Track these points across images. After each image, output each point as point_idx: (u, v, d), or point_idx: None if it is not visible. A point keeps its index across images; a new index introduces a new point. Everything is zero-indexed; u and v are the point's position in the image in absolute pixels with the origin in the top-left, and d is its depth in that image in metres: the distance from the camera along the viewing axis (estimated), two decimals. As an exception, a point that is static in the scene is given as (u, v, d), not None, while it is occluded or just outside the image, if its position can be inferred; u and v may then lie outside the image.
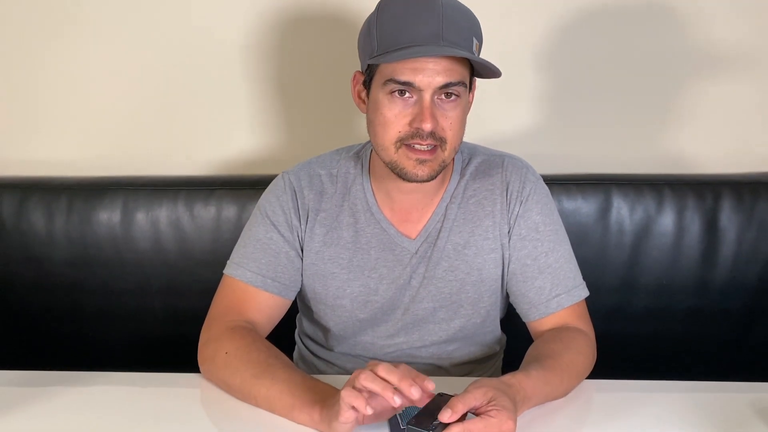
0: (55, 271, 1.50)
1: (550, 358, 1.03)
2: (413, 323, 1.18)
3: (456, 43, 1.00)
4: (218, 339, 1.08)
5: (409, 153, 1.04)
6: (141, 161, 1.59)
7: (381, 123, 1.05)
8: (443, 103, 1.03)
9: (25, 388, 1.07)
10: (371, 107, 1.08)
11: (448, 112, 1.04)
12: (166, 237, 1.49)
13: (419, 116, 1.02)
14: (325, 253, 1.17)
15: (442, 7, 1.01)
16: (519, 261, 1.15)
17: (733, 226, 1.44)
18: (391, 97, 1.03)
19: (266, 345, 1.08)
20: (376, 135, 1.07)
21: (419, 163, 1.04)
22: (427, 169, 1.05)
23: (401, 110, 1.03)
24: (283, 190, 1.18)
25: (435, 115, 1.02)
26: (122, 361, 1.29)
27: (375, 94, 1.06)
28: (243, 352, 1.04)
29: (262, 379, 1.00)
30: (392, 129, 1.04)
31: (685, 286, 1.46)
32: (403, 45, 1.00)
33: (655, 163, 1.55)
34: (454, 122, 1.04)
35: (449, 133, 1.04)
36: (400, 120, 1.03)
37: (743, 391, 1.05)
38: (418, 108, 1.02)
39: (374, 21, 1.04)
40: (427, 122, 1.01)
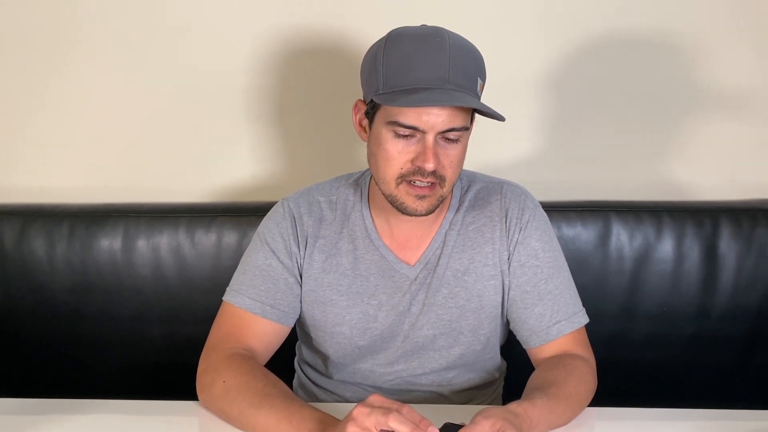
0: (56, 298, 1.50)
1: (554, 386, 1.03)
2: (413, 350, 1.18)
3: (462, 86, 1.01)
4: (216, 367, 1.08)
5: (409, 189, 1.06)
6: (142, 188, 1.60)
7: (383, 158, 1.06)
8: (445, 143, 1.05)
9: (24, 416, 1.06)
10: (373, 140, 1.08)
11: (450, 151, 1.05)
12: (166, 264, 1.49)
13: (422, 156, 1.03)
14: (324, 279, 1.17)
15: (450, 48, 1.01)
16: (519, 288, 1.15)
17: (733, 252, 1.45)
18: (395, 135, 1.04)
19: (264, 373, 1.07)
20: (378, 168, 1.08)
21: (419, 198, 1.06)
22: (426, 204, 1.06)
23: (404, 148, 1.04)
24: (283, 216, 1.19)
25: (437, 154, 1.03)
26: (121, 388, 1.28)
27: (378, 129, 1.07)
28: (241, 381, 1.04)
29: (260, 409, 0.99)
30: (394, 165, 1.05)
31: (686, 312, 1.46)
32: (409, 86, 1.01)
33: (654, 190, 1.55)
34: (454, 160, 1.06)
35: (449, 171, 1.06)
36: (403, 157, 1.04)
37: (744, 419, 1.04)
38: (420, 147, 1.03)
39: (381, 57, 1.04)
40: (430, 162, 1.02)
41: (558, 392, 1.01)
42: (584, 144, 1.58)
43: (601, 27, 1.51)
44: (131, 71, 1.57)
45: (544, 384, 1.03)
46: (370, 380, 1.21)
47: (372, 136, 1.09)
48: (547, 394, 1.00)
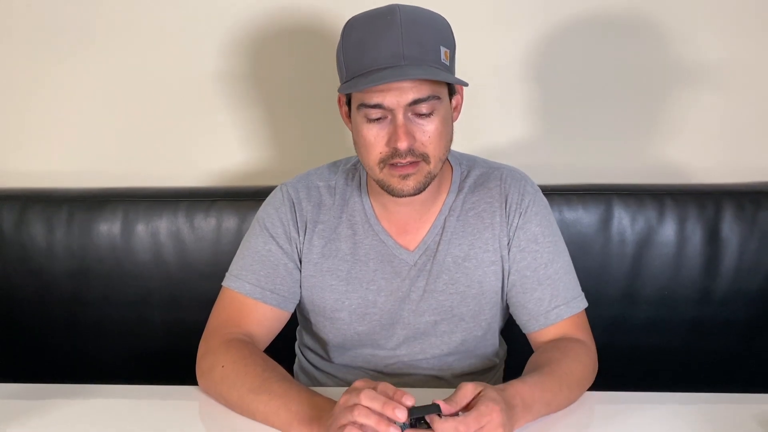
0: (55, 283, 1.50)
1: (547, 365, 1.03)
2: (414, 336, 1.18)
3: (419, 59, 1.00)
4: (215, 352, 1.08)
5: (392, 171, 1.05)
6: (141, 173, 1.59)
7: (363, 145, 1.06)
8: (418, 119, 1.03)
9: (24, 401, 1.06)
10: (354, 129, 1.08)
11: (425, 126, 1.03)
12: (166, 248, 1.49)
13: (394, 136, 1.02)
14: (323, 264, 1.16)
15: (402, 23, 1.00)
16: (518, 272, 1.15)
17: (735, 236, 1.44)
18: (367, 120, 1.04)
19: (263, 358, 1.07)
20: (361, 156, 1.08)
21: (403, 178, 1.05)
22: (412, 182, 1.05)
23: (378, 131, 1.04)
24: (282, 201, 1.18)
25: (411, 131, 1.02)
26: (122, 373, 1.29)
27: (354, 117, 1.07)
28: (239, 366, 1.04)
29: (259, 395, 0.99)
30: (373, 151, 1.05)
31: (687, 296, 1.45)
32: (365, 70, 1.00)
33: (657, 173, 1.55)
34: (432, 135, 1.04)
35: (429, 147, 1.04)
36: (379, 141, 1.04)
37: (746, 403, 1.04)
38: (392, 127, 1.03)
39: (341, 46, 1.05)
40: (402, 141, 1.01)
41: (550, 370, 1.01)
42: (586, 127, 1.57)
43: (602, 7, 1.50)
44: (129, 57, 1.56)
45: (538, 365, 1.04)
46: (371, 364, 1.21)
47: (352, 126, 1.09)
48: (540, 373, 1.00)
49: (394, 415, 0.83)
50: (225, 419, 1.01)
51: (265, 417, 0.98)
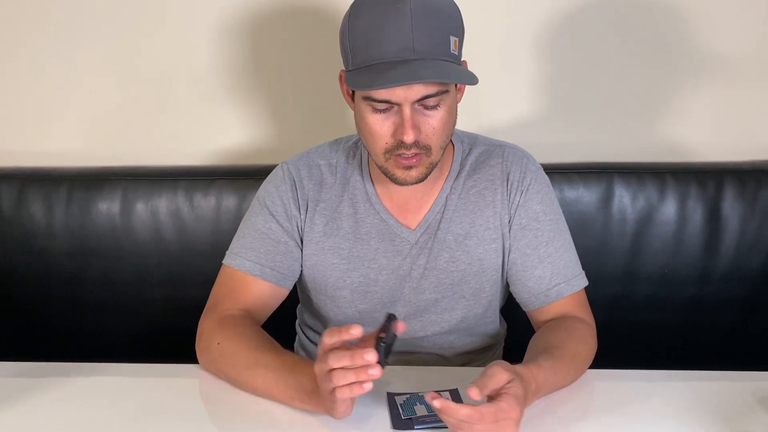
0: (55, 262, 1.50)
1: (557, 347, 1.03)
2: (415, 314, 1.18)
3: (429, 53, 0.98)
4: (211, 329, 1.09)
5: (397, 161, 1.04)
6: (140, 151, 1.59)
7: (367, 132, 1.05)
8: (425, 110, 1.02)
9: (25, 379, 1.06)
10: (357, 113, 1.07)
11: (431, 118, 1.02)
12: (165, 227, 1.49)
13: (400, 129, 1.01)
14: (325, 243, 1.16)
15: (412, 12, 0.97)
16: (519, 250, 1.15)
17: (736, 214, 1.43)
18: (373, 110, 1.02)
19: (256, 332, 1.07)
20: (366, 142, 1.07)
21: (407, 169, 1.05)
22: (415, 174, 1.05)
23: (383, 121, 1.02)
24: (282, 180, 1.18)
25: (417, 124, 1.01)
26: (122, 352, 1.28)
27: (358, 103, 1.05)
28: (234, 343, 1.04)
29: (254, 370, 1.00)
30: (379, 141, 1.04)
31: (688, 275, 1.45)
32: (373, 62, 0.98)
33: (658, 152, 1.54)
34: (437, 127, 1.03)
35: (433, 139, 1.03)
36: (385, 131, 1.02)
37: (745, 380, 1.04)
38: (398, 119, 1.01)
39: (347, 29, 1.02)
40: (409, 135, 1.00)
41: (561, 354, 1.01)
42: (587, 105, 1.56)
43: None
44: (128, 34, 1.55)
45: (547, 346, 1.03)
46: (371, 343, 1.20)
47: (355, 110, 1.07)
48: (552, 356, 1.00)
49: (365, 361, 0.83)
50: (225, 396, 1.02)
51: (266, 391, 0.99)
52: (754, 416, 0.95)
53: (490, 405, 0.85)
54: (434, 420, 0.93)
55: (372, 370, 0.83)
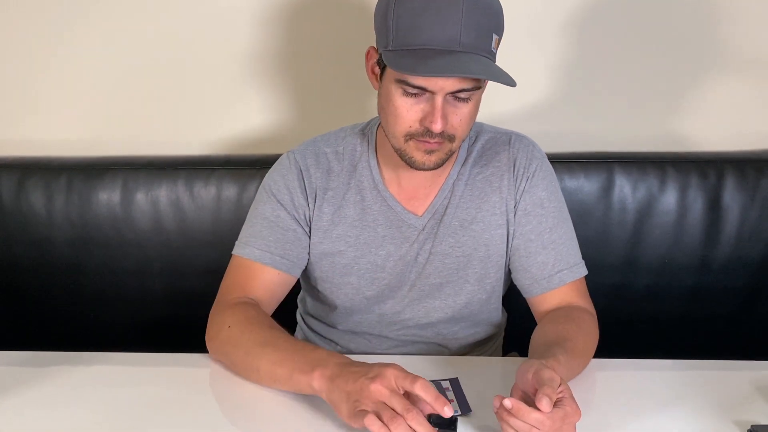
0: (55, 252, 1.49)
1: (569, 341, 1.02)
2: (419, 299, 1.18)
3: (474, 47, 0.97)
4: (222, 315, 1.09)
5: (418, 144, 1.04)
6: (140, 141, 1.58)
7: (392, 114, 1.04)
8: (456, 102, 1.02)
9: (26, 368, 1.07)
10: (383, 93, 1.06)
11: (460, 110, 1.02)
12: (166, 217, 1.48)
13: (429, 116, 1.00)
14: (333, 231, 1.16)
15: (464, 3, 0.96)
16: (523, 236, 1.15)
17: (736, 204, 1.43)
18: (404, 92, 1.01)
19: (268, 318, 1.08)
20: (387, 123, 1.06)
21: (427, 153, 1.04)
22: (435, 159, 1.05)
23: (412, 106, 1.01)
24: (288, 169, 1.17)
25: (446, 114, 1.01)
26: (123, 342, 1.29)
27: (387, 84, 1.03)
28: (245, 325, 1.04)
29: (264, 347, 1.00)
30: (403, 123, 1.03)
31: (688, 264, 1.45)
32: (417, 47, 0.97)
33: (658, 141, 1.54)
34: (464, 119, 1.03)
35: (459, 130, 1.04)
36: (412, 116, 1.02)
37: (745, 369, 1.05)
38: (429, 107, 1.01)
39: (392, 8, 0.99)
40: (437, 124, 1.00)
41: (574, 347, 1.02)
42: (588, 95, 1.55)
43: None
44: (129, 23, 1.54)
45: (559, 339, 1.03)
46: (376, 330, 1.21)
47: (382, 88, 1.06)
48: (566, 350, 0.99)
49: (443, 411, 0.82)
50: (231, 386, 1.02)
51: (269, 372, 0.98)
52: (754, 405, 0.95)
53: (559, 410, 0.83)
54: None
55: None
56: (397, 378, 0.84)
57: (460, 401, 0.95)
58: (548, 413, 0.82)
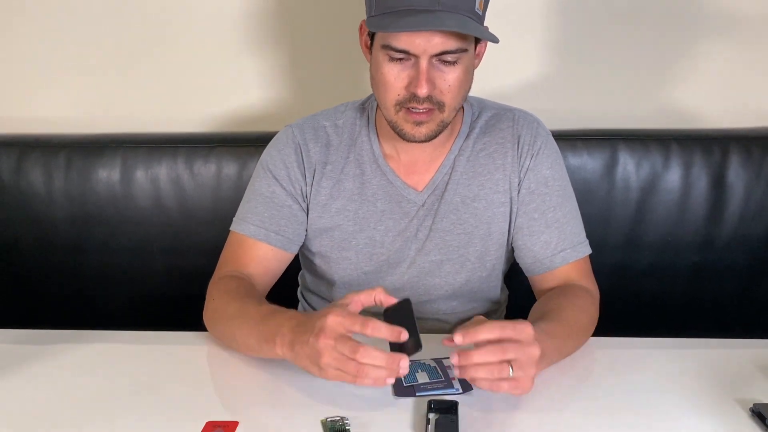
0: (56, 230, 1.49)
1: (554, 312, 1.02)
2: (419, 276, 1.18)
3: (454, 6, 0.96)
4: (210, 290, 1.10)
5: (407, 116, 1.03)
6: (139, 118, 1.57)
7: (381, 83, 1.03)
8: (442, 66, 1.01)
9: (27, 346, 1.07)
10: (373, 64, 1.05)
11: (447, 75, 1.01)
12: (166, 195, 1.48)
13: (415, 81, 1.00)
14: (332, 206, 1.16)
15: None
16: (527, 215, 1.14)
17: (741, 181, 1.42)
18: (389, 59, 1.01)
19: (246, 288, 1.07)
20: (378, 93, 1.06)
21: (416, 125, 1.04)
22: (425, 130, 1.04)
23: (399, 73, 1.01)
24: (285, 143, 1.17)
25: (432, 79, 1.00)
26: (123, 320, 1.29)
27: (375, 52, 1.04)
28: (224, 297, 1.05)
29: (236, 320, 1.00)
30: (391, 92, 1.02)
31: (691, 242, 1.45)
32: (398, 8, 0.97)
33: (663, 118, 1.52)
34: (452, 85, 1.02)
35: (447, 97, 1.02)
36: (398, 83, 1.01)
37: (747, 348, 1.04)
38: (414, 72, 1.00)
39: None
40: (423, 88, 0.99)
41: (559, 318, 1.01)
42: (591, 71, 1.54)
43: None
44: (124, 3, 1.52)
45: (545, 312, 1.03)
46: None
47: (372, 60, 1.06)
48: (548, 320, 0.99)
49: (399, 367, 0.82)
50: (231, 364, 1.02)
51: (243, 341, 0.99)
52: (756, 383, 0.95)
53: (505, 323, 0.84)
54: (436, 387, 0.93)
55: (403, 363, 0.82)
56: (341, 325, 0.84)
57: (462, 379, 0.95)
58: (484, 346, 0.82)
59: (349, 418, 0.87)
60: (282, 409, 0.90)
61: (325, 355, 0.84)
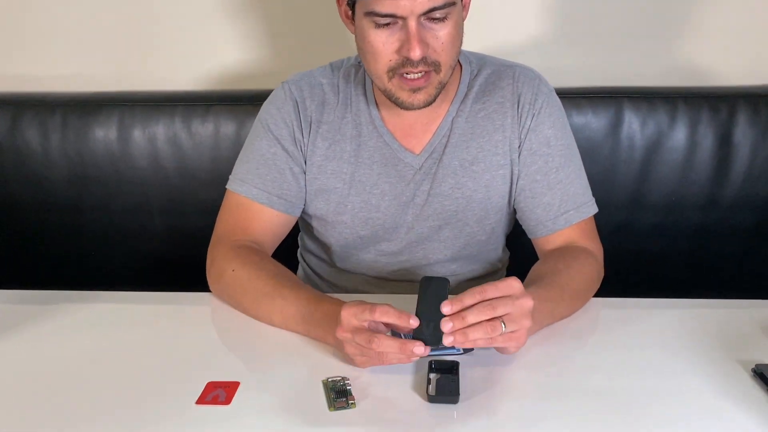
0: (53, 191, 1.48)
1: (548, 276, 1.01)
2: (418, 241, 1.17)
3: None
4: (224, 258, 1.07)
5: (402, 83, 1.00)
6: (135, 76, 1.55)
7: (369, 52, 1.00)
8: (432, 24, 0.97)
9: (28, 306, 1.07)
10: (358, 34, 1.02)
11: (438, 32, 0.98)
12: (164, 155, 1.46)
13: (406, 44, 0.96)
14: (327, 167, 1.14)
15: None
16: (528, 177, 1.12)
17: (748, 140, 1.40)
18: (376, 25, 0.97)
19: (272, 263, 1.07)
20: (368, 63, 1.03)
21: (414, 92, 1.01)
22: (423, 96, 1.01)
23: (387, 38, 0.98)
24: (284, 101, 1.14)
25: (424, 39, 0.97)
26: (122, 280, 1.29)
27: (359, 22, 1.00)
28: (251, 272, 1.03)
29: (273, 299, 0.99)
30: (382, 59, 0.99)
31: (695, 202, 1.44)
32: None
33: (669, 76, 1.50)
34: (446, 42, 0.98)
35: (442, 55, 0.99)
36: (388, 48, 0.98)
37: (750, 308, 1.04)
38: (404, 35, 0.97)
39: None
40: (416, 50, 0.96)
41: (551, 281, 1.00)
42: (596, 27, 1.51)
43: None
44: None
45: (540, 275, 1.02)
46: (374, 271, 1.20)
47: (357, 30, 1.02)
48: (540, 284, 0.98)
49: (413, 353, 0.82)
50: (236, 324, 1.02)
51: (283, 322, 0.99)
52: (759, 344, 0.95)
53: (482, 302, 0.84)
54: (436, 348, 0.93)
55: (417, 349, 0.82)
56: (354, 316, 0.85)
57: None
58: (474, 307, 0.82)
59: (350, 378, 0.87)
60: (283, 369, 0.90)
61: (347, 346, 0.87)
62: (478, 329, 0.83)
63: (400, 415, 0.81)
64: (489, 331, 0.83)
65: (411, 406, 0.82)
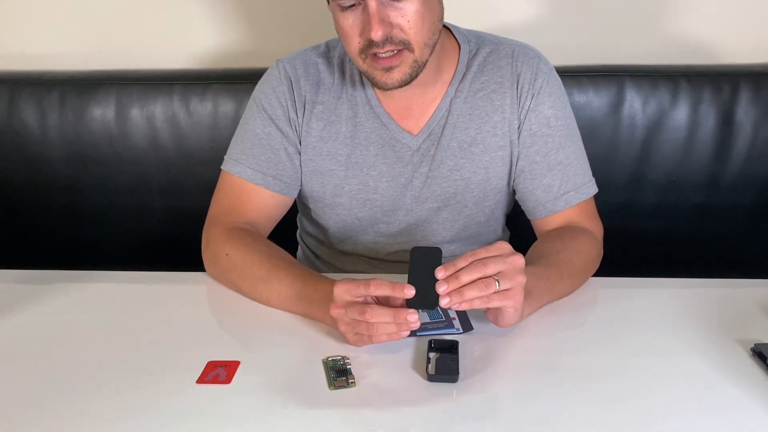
0: (51, 170, 1.48)
1: (547, 255, 1.01)
2: (416, 224, 1.16)
3: None
4: (218, 241, 1.07)
5: (374, 63, 0.99)
6: (133, 54, 1.53)
7: (341, 35, 1.00)
8: (396, 2, 0.95)
9: (27, 285, 1.06)
10: (333, 19, 1.01)
11: (402, 9, 0.96)
12: (162, 134, 1.45)
13: (367, 26, 0.95)
14: (322, 148, 1.13)
15: None
16: (528, 158, 1.11)
17: (750, 119, 1.40)
18: (341, 9, 0.97)
19: (267, 245, 1.06)
20: (343, 45, 1.02)
21: (386, 71, 0.99)
22: (398, 74, 1.00)
23: (353, 21, 0.97)
24: (279, 80, 1.13)
25: (386, 19, 0.95)
26: (121, 260, 1.28)
27: (330, 6, 1.00)
28: (245, 255, 1.02)
29: (269, 283, 0.99)
30: (351, 42, 0.99)
31: (696, 182, 1.43)
32: None
33: (672, 53, 1.48)
34: (413, 18, 0.96)
35: (411, 33, 0.97)
36: (354, 31, 0.97)
37: (749, 287, 1.04)
38: (366, 16, 0.95)
39: None
40: (376, 31, 0.94)
41: (548, 262, 1.00)
42: (597, 4, 1.49)
43: None
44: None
45: (537, 256, 1.02)
46: (372, 252, 1.20)
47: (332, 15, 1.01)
48: (537, 264, 0.98)
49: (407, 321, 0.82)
50: (232, 303, 1.02)
51: (280, 304, 0.98)
52: (758, 324, 0.95)
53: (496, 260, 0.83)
54: (436, 327, 0.93)
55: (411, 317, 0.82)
56: (347, 292, 0.85)
57: (462, 320, 0.95)
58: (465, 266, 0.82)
59: (350, 357, 0.87)
60: (283, 348, 0.90)
61: (340, 323, 0.87)
62: (473, 288, 0.82)
63: (400, 394, 0.81)
64: (483, 288, 0.82)
65: (411, 385, 0.83)
